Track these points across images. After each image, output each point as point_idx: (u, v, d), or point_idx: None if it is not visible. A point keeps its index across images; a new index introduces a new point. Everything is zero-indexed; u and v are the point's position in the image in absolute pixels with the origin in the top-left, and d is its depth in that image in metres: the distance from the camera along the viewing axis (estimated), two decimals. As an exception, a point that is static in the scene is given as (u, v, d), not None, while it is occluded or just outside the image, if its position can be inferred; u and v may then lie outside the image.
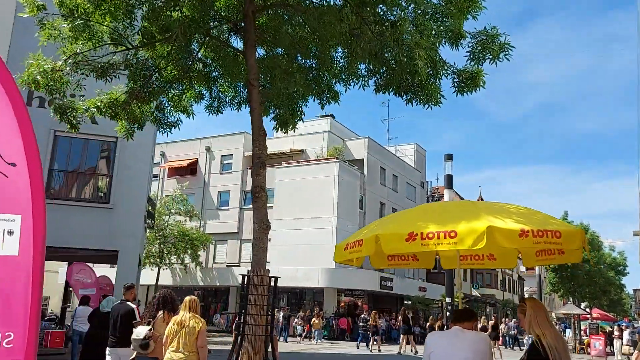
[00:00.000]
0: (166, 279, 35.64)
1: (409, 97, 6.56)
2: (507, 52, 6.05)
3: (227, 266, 36.50)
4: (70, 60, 6.25)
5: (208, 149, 39.67)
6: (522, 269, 73.97)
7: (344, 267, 33.33)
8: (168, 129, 7.32)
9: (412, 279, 40.54)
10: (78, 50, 6.19)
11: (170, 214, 33.95)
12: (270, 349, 6.52)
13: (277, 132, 6.62)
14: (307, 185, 33.92)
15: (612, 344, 27.45)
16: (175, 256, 34.02)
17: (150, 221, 20.53)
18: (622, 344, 25.08)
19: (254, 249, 6.06)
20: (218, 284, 36.41)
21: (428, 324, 29.01)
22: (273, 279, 5.93)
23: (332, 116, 42.41)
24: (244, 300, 5.79)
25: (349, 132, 43.01)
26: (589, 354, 26.76)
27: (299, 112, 6.45)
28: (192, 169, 39.88)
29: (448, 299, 16.81)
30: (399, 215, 4.36)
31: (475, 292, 55.37)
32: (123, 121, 7.05)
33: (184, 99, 7.42)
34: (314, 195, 33.54)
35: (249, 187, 38.82)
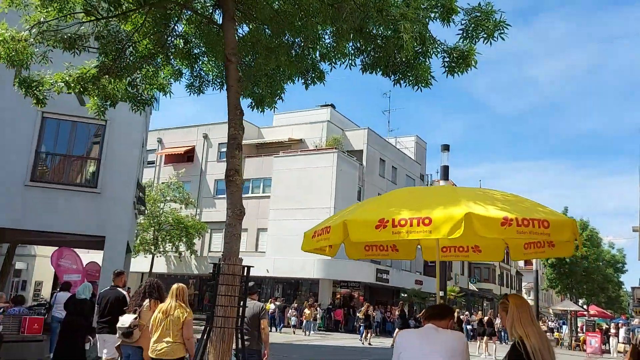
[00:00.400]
0: (160, 266, 35.37)
1: (397, 78, 6.14)
2: (502, 31, 5.62)
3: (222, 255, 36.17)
4: (34, 30, 5.83)
5: (205, 137, 39.26)
6: (521, 264, 73.64)
7: (340, 258, 32.98)
8: (142, 107, 6.90)
9: (409, 272, 40.23)
10: (42, 19, 5.76)
11: (166, 201, 33.61)
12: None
13: (253, 110, 6.22)
14: (305, 175, 33.53)
15: (608, 342, 27.15)
16: (170, 244, 33.74)
17: (141, 207, 20.16)
18: (618, 342, 24.76)
19: (226, 236, 5.67)
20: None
21: (418, 316, 28.71)
22: (245, 268, 5.55)
23: (333, 106, 41.93)
24: (213, 290, 5.40)
25: (349, 122, 42.52)
26: (584, 351, 26.49)
27: (278, 92, 6.02)
28: (189, 156, 39.49)
29: (441, 293, 16.49)
30: (372, 200, 3.95)
31: (472, 286, 55.14)
32: (94, 98, 6.64)
33: (161, 76, 7.01)
34: (311, 186, 33.16)
35: (246, 175, 38.39)
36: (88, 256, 20.78)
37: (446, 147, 13.55)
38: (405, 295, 37.33)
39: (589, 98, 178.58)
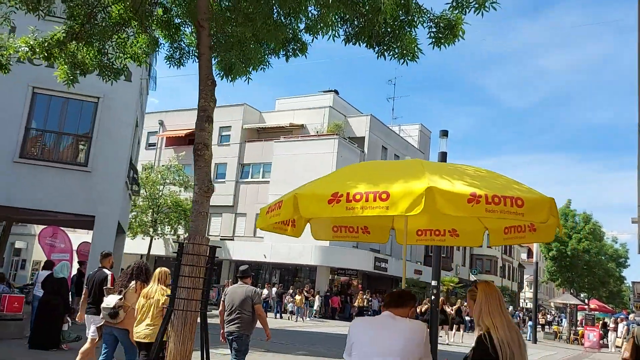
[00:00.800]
0: (159, 249, 35.23)
1: (381, 49, 5.75)
2: (494, 0, 5.22)
3: (220, 239, 35.97)
4: (-6, -11, 5.46)
5: (207, 120, 38.85)
6: (523, 256, 73.31)
7: (338, 245, 32.76)
8: (113, 77, 6.53)
9: (408, 261, 39.94)
10: (1, -23, 5.39)
11: (165, 183, 33.37)
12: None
13: (222, 79, 5.82)
14: (305, 160, 33.12)
15: (607, 336, 26.82)
16: (169, 227, 33.56)
17: (135, 188, 19.88)
18: (617, 337, 24.43)
19: (193, 213, 5.31)
20: (211, 257, 35.95)
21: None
22: (210, 248, 5.20)
23: (336, 92, 41.42)
24: (176, 271, 5.07)
25: (352, 109, 42.00)
26: (582, 345, 26.17)
27: (252, 60, 5.63)
28: (190, 139, 39.07)
29: (434, 282, 16.13)
30: (331, 174, 3.58)
31: (473, 278, 54.85)
32: (63, 65, 6.28)
33: (135, 45, 6.62)
34: (311, 172, 32.61)
35: (246, 160, 38.20)
36: (81, 237, 20.59)
37: (445, 133, 13.04)
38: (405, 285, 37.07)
39: (600, 90, 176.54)
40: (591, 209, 56.79)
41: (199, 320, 5.10)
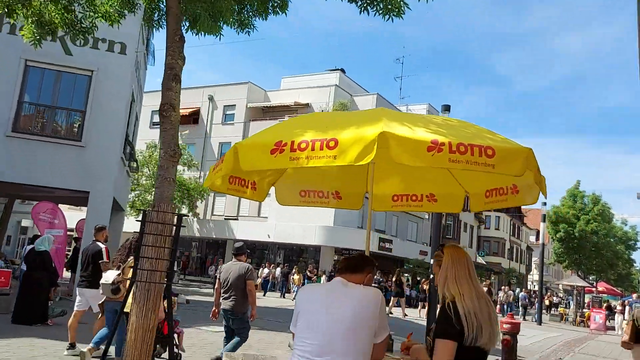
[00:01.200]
0: (163, 228, 35.16)
1: (364, 4, 5.31)
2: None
3: (225, 219, 35.85)
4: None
5: (211, 98, 38.47)
6: (532, 239, 72.71)
7: (342, 225, 32.45)
8: (81, 36, 6.14)
9: (414, 242, 39.65)
10: None
11: (169, 162, 33.11)
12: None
13: (187, 31, 5.40)
14: (309, 139, 32.69)
15: (614, 318, 26.43)
16: (172, 206, 33.40)
17: (133, 164, 19.60)
18: (624, 319, 24.01)
19: (158, 179, 4.96)
20: (215, 236, 35.86)
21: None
22: (177, 217, 4.86)
23: (343, 70, 40.77)
24: (139, 241, 4.74)
25: (359, 88, 41.34)
26: (588, 327, 25.82)
27: (223, 15, 5.18)
28: (194, 118, 38.80)
29: (432, 261, 15.76)
30: (280, 123, 3.14)
31: (480, 259, 54.50)
32: (29, 24, 5.90)
33: (107, 3, 6.21)
34: (315, 151, 32.36)
35: (251, 139, 37.78)
36: (81, 214, 20.42)
37: (447, 108, 12.54)
38: (410, 265, 36.79)
39: (615, 73, 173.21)
40: (603, 191, 55.87)
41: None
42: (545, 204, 29.10)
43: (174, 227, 4.86)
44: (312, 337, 2.43)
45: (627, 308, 24.23)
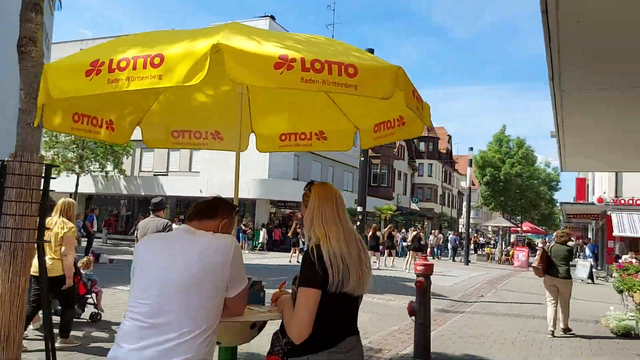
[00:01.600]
0: (87, 187, 33.56)
1: None
2: None
3: (154, 175, 34.60)
4: None
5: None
6: (463, 184, 75.52)
7: (277, 178, 32.10)
8: None
9: (350, 191, 39.97)
10: None
11: (90, 117, 31.17)
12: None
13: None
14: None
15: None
16: (96, 162, 31.70)
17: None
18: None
19: (19, 124, 4.32)
20: (144, 194, 34.60)
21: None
22: (45, 167, 4.28)
23: (272, 17, 39.32)
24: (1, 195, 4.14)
25: (289, 36, 40.17)
26: (512, 264, 27.19)
27: None
28: (116, 69, 36.56)
29: (359, 208, 15.80)
30: (104, 43, 2.59)
31: (414, 206, 56.07)
32: None
33: None
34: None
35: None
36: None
37: (370, 52, 12.11)
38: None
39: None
40: (529, 137, 58.10)
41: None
42: (472, 148, 29.91)
43: (42, 179, 4.29)
44: (146, 297, 2.04)
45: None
